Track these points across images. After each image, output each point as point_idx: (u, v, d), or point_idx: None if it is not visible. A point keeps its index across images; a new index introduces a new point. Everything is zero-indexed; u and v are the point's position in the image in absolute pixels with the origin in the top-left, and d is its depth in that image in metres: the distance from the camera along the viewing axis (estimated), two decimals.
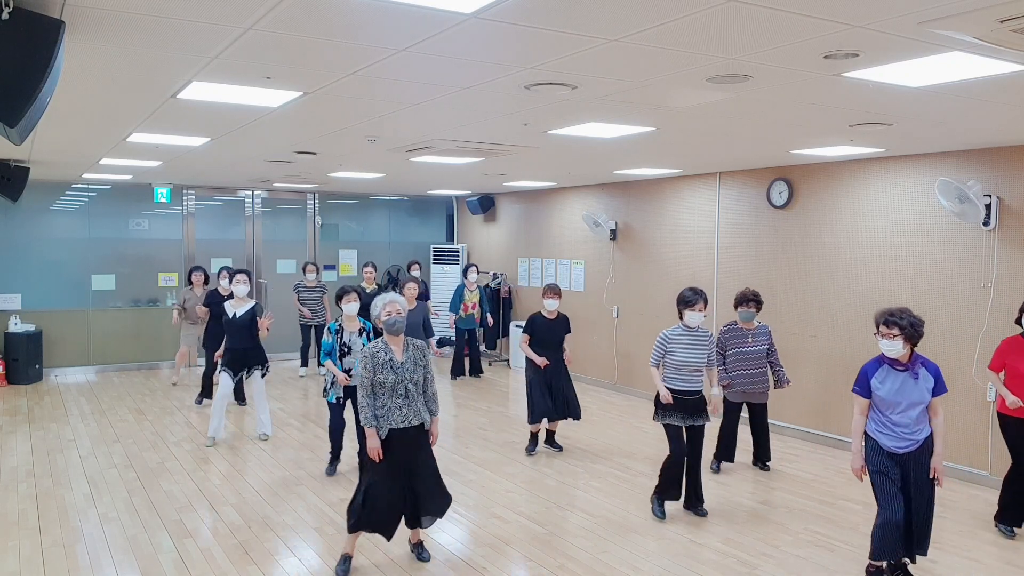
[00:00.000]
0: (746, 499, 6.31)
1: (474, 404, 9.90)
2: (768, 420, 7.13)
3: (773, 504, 6.20)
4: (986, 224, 6.52)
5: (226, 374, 7.74)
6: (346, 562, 4.88)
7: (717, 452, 7.02)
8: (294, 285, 11.51)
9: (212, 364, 9.02)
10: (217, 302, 8.96)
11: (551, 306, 7.37)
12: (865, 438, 4.59)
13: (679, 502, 5.93)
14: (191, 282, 10.24)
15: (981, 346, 6.64)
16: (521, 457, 7.43)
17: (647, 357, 10.17)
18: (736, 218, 8.98)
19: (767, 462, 7.11)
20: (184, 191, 12.50)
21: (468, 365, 11.78)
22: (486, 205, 13.55)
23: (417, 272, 11.80)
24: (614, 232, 10.76)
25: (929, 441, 4.51)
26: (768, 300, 8.54)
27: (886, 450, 4.48)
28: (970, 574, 4.95)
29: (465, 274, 11.66)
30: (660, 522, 5.74)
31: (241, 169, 9.45)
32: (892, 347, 4.41)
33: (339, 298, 6.63)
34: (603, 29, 3.22)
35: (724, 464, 7.10)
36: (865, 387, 4.55)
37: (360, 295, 6.69)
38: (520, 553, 5.17)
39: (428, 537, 5.37)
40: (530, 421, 7.41)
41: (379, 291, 10.22)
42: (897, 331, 4.37)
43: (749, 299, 6.84)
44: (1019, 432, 5.38)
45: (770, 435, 7.18)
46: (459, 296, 11.50)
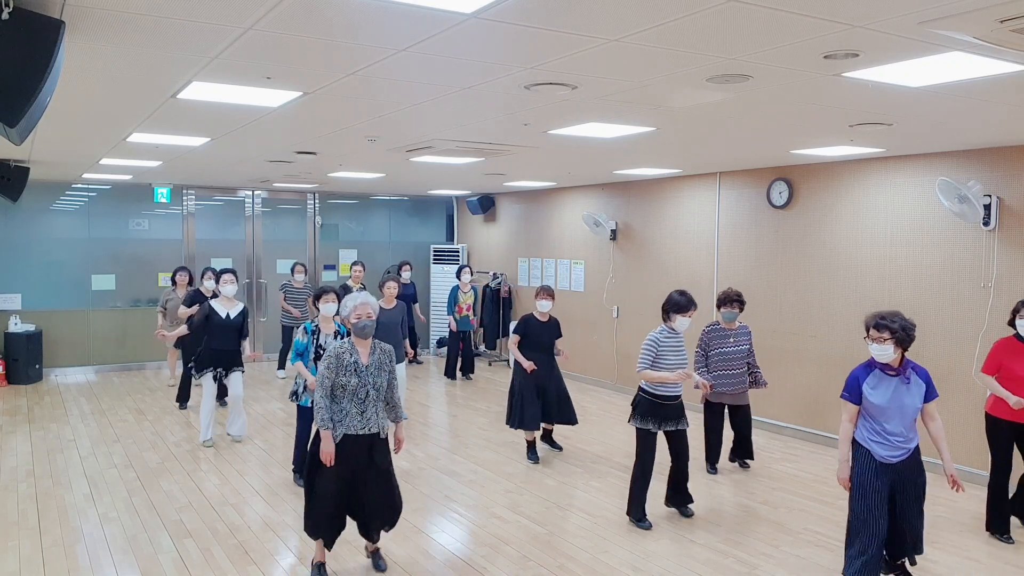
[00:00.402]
0: (746, 499, 6.31)
1: (474, 404, 9.90)
2: (752, 419, 7.10)
3: (773, 504, 6.20)
4: (986, 224, 6.52)
5: (209, 375, 7.64)
6: (320, 570, 4.75)
7: (708, 455, 6.98)
8: (281, 285, 11.39)
9: (190, 368, 8.74)
10: (201, 302, 8.63)
11: (544, 307, 7.26)
12: (855, 447, 4.36)
13: (666, 505, 5.85)
14: (175, 283, 10.03)
15: (981, 346, 6.64)
16: (521, 457, 7.42)
17: None
18: (736, 218, 8.98)
19: (748, 460, 7.09)
20: (184, 191, 12.50)
21: (460, 364, 11.67)
22: (486, 205, 13.55)
23: (408, 273, 11.64)
24: (614, 232, 10.76)
25: (918, 451, 4.33)
26: (768, 300, 8.56)
27: (878, 460, 4.28)
28: (970, 574, 4.95)
29: (458, 275, 11.51)
30: (658, 525, 5.73)
31: (241, 169, 9.45)
32: (883, 352, 4.21)
33: (317, 298, 6.44)
34: (603, 29, 3.22)
35: (719, 465, 7.06)
36: (856, 393, 4.33)
37: (339, 296, 6.46)
38: (520, 553, 5.17)
39: (427, 541, 5.36)
40: (519, 427, 7.23)
41: (363, 291, 10.12)
42: (888, 335, 4.17)
43: (733, 299, 6.81)
44: (1012, 436, 5.33)
45: (753, 435, 7.13)
46: (453, 298, 11.38)
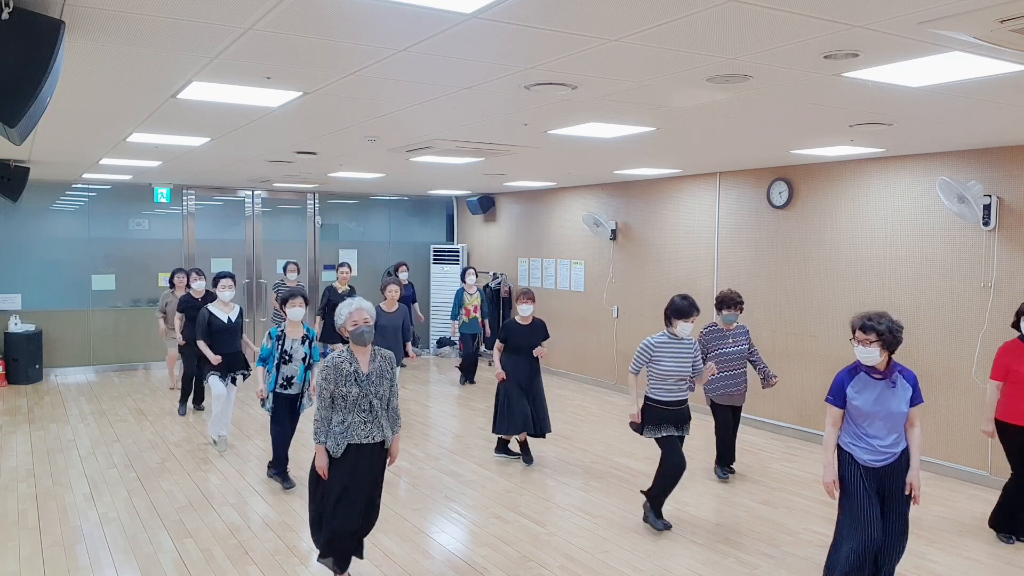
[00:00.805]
0: (746, 499, 6.31)
1: (474, 404, 9.90)
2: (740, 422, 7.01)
3: (773, 504, 6.20)
4: (986, 224, 6.52)
5: (216, 378, 7.54)
6: None
7: (719, 459, 6.88)
8: (273, 285, 11.17)
9: (195, 370, 8.66)
10: (192, 306, 8.58)
11: (525, 311, 7.08)
12: (840, 452, 4.25)
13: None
14: (173, 285, 9.88)
15: (981, 346, 6.64)
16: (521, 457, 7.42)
17: None
18: (736, 218, 8.98)
19: (731, 465, 6.98)
20: (184, 191, 12.50)
21: (467, 370, 11.33)
22: (486, 205, 13.55)
23: (405, 274, 11.30)
24: (614, 232, 10.76)
25: (905, 455, 4.20)
26: (768, 300, 8.56)
27: (863, 465, 4.16)
28: (970, 574, 4.95)
29: (463, 277, 11.17)
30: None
31: (241, 169, 9.45)
32: (869, 354, 4.06)
33: (283, 302, 6.31)
34: (603, 29, 3.22)
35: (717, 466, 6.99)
36: (840, 397, 4.21)
37: (306, 299, 6.41)
38: (520, 553, 5.17)
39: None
40: (508, 432, 7.08)
41: (352, 293, 10.03)
42: (875, 337, 4.02)
43: (735, 302, 6.71)
44: (1019, 440, 5.30)
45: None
46: (459, 301, 10.98)
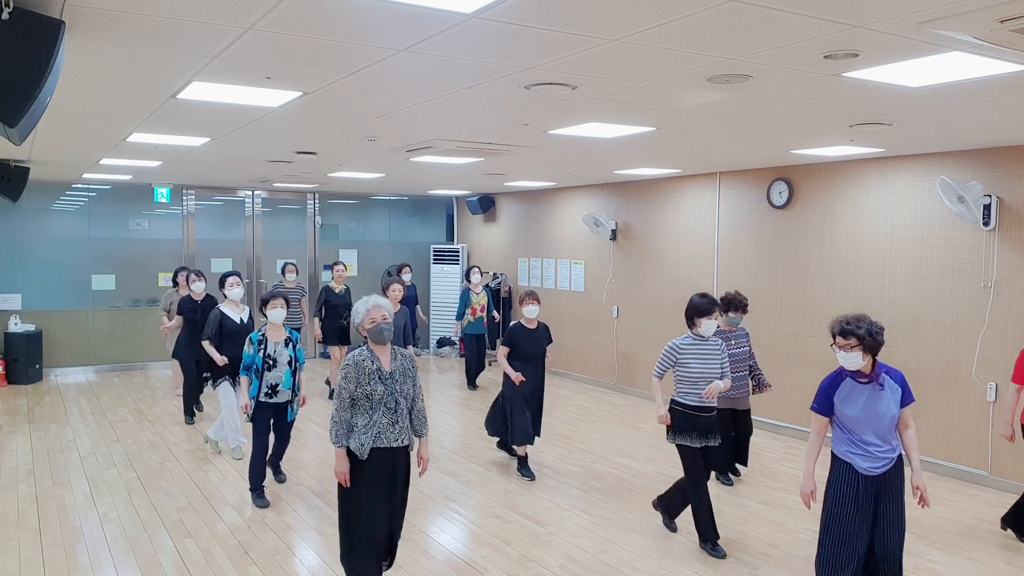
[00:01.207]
0: (746, 499, 6.31)
1: (474, 404, 9.90)
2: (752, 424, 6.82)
3: (773, 504, 6.20)
4: (986, 224, 6.52)
5: (226, 384, 7.29)
6: None
7: (721, 464, 6.69)
8: (272, 286, 10.83)
9: (199, 377, 8.39)
10: (192, 308, 8.44)
11: (532, 313, 6.77)
12: (835, 461, 4.12)
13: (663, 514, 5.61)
14: (177, 283, 9.65)
15: (981, 346, 6.64)
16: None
17: (647, 357, 10.36)
18: (736, 218, 8.98)
19: (741, 465, 6.81)
20: (184, 191, 12.50)
21: (472, 372, 11.10)
22: (486, 205, 13.55)
23: (408, 275, 11.06)
24: (614, 232, 10.76)
25: (900, 460, 4.09)
26: (768, 300, 8.56)
27: (861, 473, 4.01)
28: (970, 574, 4.95)
29: (468, 277, 11.03)
30: (657, 525, 5.72)
31: (241, 169, 9.45)
32: (851, 359, 3.96)
33: (264, 303, 6.08)
34: (603, 29, 3.22)
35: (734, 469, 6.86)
36: (826, 405, 4.09)
37: (287, 301, 6.22)
38: (520, 553, 5.17)
39: (420, 546, 5.36)
40: (513, 443, 6.84)
41: (348, 292, 10.01)
42: (855, 341, 3.92)
43: (744, 305, 6.58)
44: None
45: (753, 435, 6.79)
46: (465, 301, 10.75)
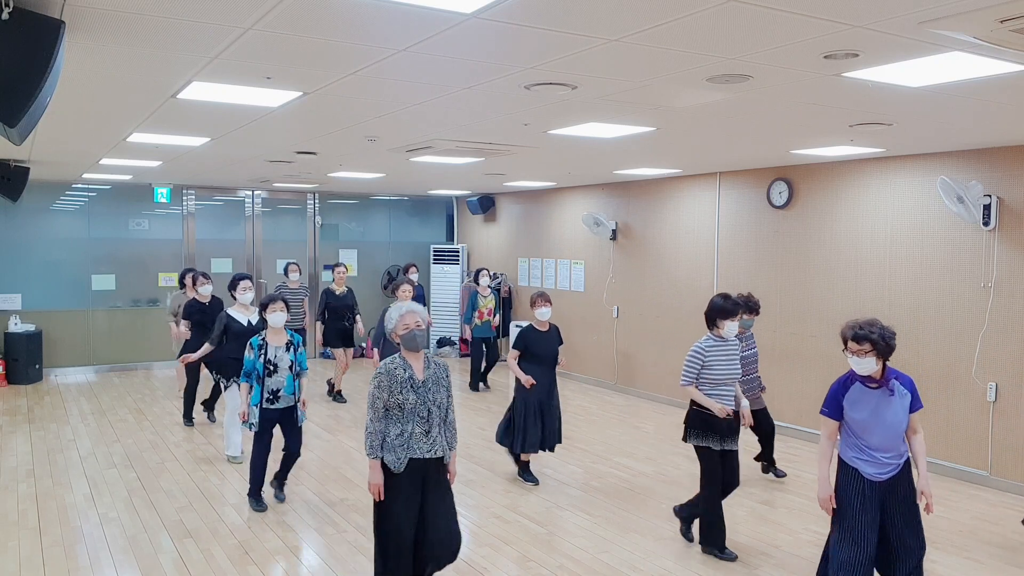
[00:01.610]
0: (746, 499, 6.31)
1: (475, 404, 9.90)
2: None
3: (773, 504, 6.20)
4: (986, 224, 6.52)
5: (235, 386, 7.15)
6: None
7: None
8: (276, 287, 10.67)
9: (196, 379, 8.46)
10: (199, 311, 8.36)
11: (544, 315, 6.62)
12: (842, 467, 4.10)
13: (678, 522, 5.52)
14: (184, 285, 9.54)
15: (981, 346, 6.64)
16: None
17: (647, 357, 10.37)
18: (736, 218, 8.98)
19: (774, 465, 6.83)
20: (184, 191, 12.50)
21: (480, 374, 10.97)
22: (486, 205, 13.55)
23: (415, 276, 10.97)
24: (614, 232, 10.76)
25: (908, 465, 4.07)
26: (768, 300, 8.55)
27: (867, 479, 4.00)
28: (970, 574, 4.95)
29: (476, 279, 10.83)
30: (658, 525, 5.72)
31: (241, 169, 9.45)
32: (864, 364, 3.93)
33: (263, 307, 5.95)
34: (603, 29, 3.22)
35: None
36: (836, 409, 4.07)
37: (287, 304, 6.09)
38: (520, 553, 5.17)
39: None
40: (521, 450, 6.66)
41: (349, 294, 9.98)
42: (869, 346, 3.89)
43: (758, 307, 6.51)
44: None
45: (754, 438, 6.78)
46: (473, 304, 10.64)
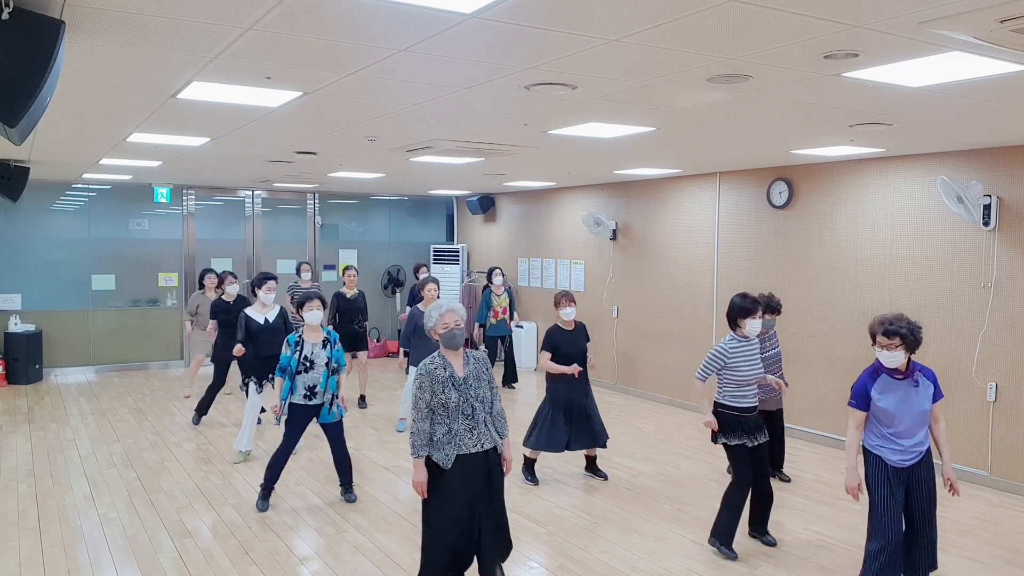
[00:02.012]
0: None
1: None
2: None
3: (773, 504, 6.18)
4: (986, 224, 6.52)
5: (255, 384, 7.30)
6: None
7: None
8: (288, 287, 10.57)
9: (223, 379, 8.48)
10: (225, 310, 8.37)
11: (569, 315, 6.55)
12: (866, 454, 4.31)
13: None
14: (203, 286, 9.63)
15: (981, 346, 6.64)
16: (521, 456, 7.40)
17: (647, 357, 10.38)
18: (736, 218, 8.98)
19: (782, 469, 6.84)
20: (184, 191, 12.50)
21: (503, 374, 10.88)
22: (486, 205, 13.55)
23: (425, 275, 10.65)
24: (614, 232, 10.76)
25: (929, 453, 4.28)
26: None
27: (891, 466, 4.22)
28: (971, 574, 4.95)
29: (490, 278, 10.87)
30: (658, 525, 5.73)
31: (241, 169, 9.45)
32: (894, 358, 4.14)
33: (300, 305, 6.03)
34: (603, 29, 3.22)
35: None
36: (864, 400, 4.26)
37: (324, 302, 6.15)
38: (520, 553, 5.17)
39: None
40: (545, 448, 6.57)
41: (360, 296, 9.99)
42: (899, 340, 4.10)
43: (779, 307, 6.53)
44: None
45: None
46: (487, 304, 10.74)
